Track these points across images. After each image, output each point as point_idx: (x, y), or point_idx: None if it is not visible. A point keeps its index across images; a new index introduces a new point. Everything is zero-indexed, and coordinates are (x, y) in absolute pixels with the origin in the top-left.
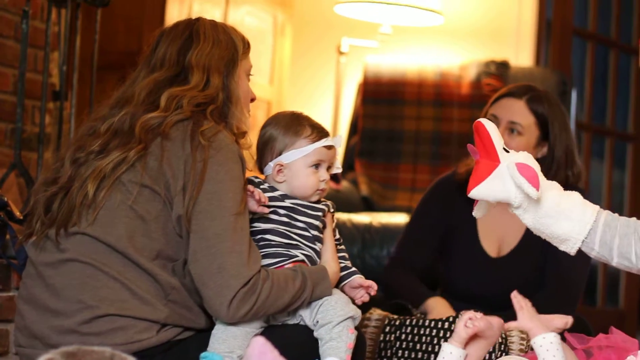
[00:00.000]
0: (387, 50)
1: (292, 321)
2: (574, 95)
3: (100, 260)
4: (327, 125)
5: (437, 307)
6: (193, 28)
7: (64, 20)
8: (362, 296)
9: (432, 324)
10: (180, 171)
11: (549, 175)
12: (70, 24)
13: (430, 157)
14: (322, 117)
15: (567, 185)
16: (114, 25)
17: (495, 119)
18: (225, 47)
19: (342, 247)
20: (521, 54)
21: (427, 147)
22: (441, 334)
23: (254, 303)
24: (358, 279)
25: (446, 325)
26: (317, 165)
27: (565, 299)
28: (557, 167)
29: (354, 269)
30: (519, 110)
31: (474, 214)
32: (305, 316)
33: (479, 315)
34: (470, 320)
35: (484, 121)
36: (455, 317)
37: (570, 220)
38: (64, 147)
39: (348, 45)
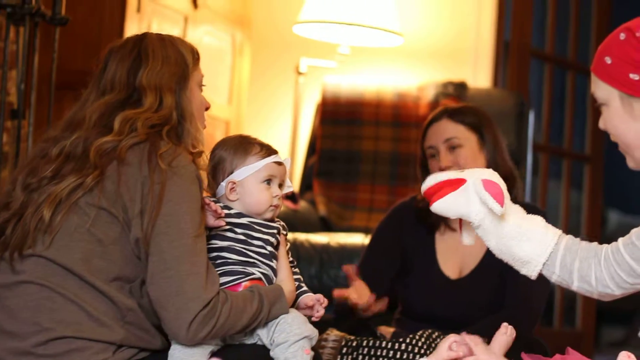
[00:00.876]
0: (345, 71)
1: (250, 341)
2: (531, 116)
3: (57, 282)
4: (285, 145)
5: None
6: (141, 46)
7: (22, 39)
8: (318, 311)
9: (390, 345)
10: (138, 194)
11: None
12: (28, 43)
13: (388, 178)
14: (280, 136)
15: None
16: (73, 44)
17: (433, 149)
18: (174, 63)
19: (297, 269)
20: (479, 75)
21: (385, 168)
22: (398, 355)
23: (213, 326)
24: (306, 297)
25: (403, 346)
26: (269, 181)
27: (524, 320)
28: (496, 168)
29: (305, 288)
30: (447, 127)
31: (463, 240)
32: (263, 335)
33: (467, 338)
34: (456, 344)
35: (424, 185)
36: (412, 338)
37: (531, 242)
38: (18, 168)
39: (306, 65)
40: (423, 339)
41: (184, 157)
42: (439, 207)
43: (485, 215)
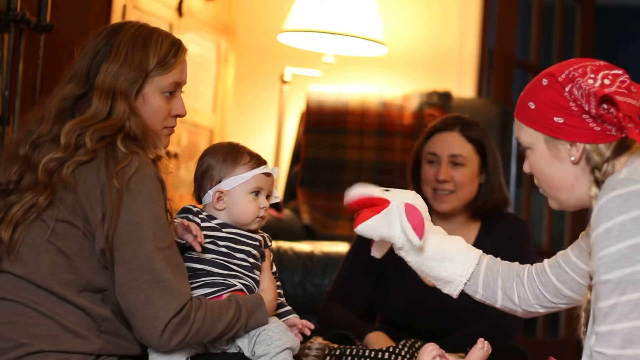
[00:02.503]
0: (330, 80)
1: (232, 350)
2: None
3: (28, 297)
4: (269, 154)
5: (378, 340)
6: (113, 38)
7: (7, 45)
8: (296, 335)
9: (373, 354)
10: (98, 201)
11: (486, 202)
12: (13, 49)
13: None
14: (264, 145)
15: (498, 210)
16: (58, 51)
17: (435, 156)
18: (134, 66)
19: (278, 282)
20: (463, 85)
21: (369, 177)
22: None
23: (186, 333)
24: (293, 318)
25: (386, 355)
26: (257, 192)
27: (506, 329)
28: (492, 192)
29: (289, 308)
30: (455, 142)
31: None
32: (244, 346)
33: (447, 355)
34: (440, 358)
35: (351, 193)
36: (395, 347)
37: (452, 262)
38: None
39: (291, 74)
40: (406, 349)
41: (142, 159)
42: (362, 229)
43: (407, 240)
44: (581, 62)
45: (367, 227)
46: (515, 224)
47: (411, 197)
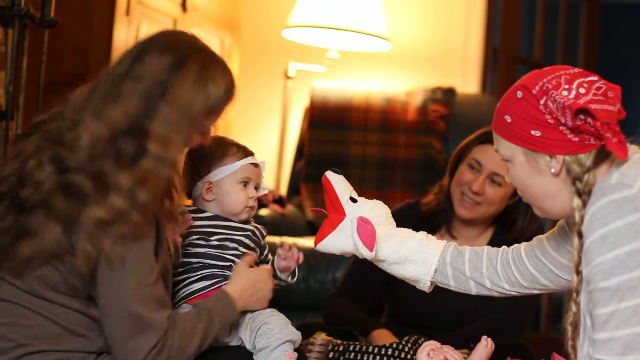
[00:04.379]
0: (334, 76)
1: (234, 342)
2: None
3: (28, 300)
4: (273, 149)
5: (382, 338)
6: (176, 71)
7: (11, 41)
8: (296, 257)
9: (376, 350)
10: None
11: (525, 220)
12: (17, 44)
13: (375, 182)
14: (268, 140)
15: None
16: (62, 46)
17: (478, 164)
18: (189, 112)
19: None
20: (467, 81)
21: (373, 172)
22: None
23: (166, 357)
24: (276, 258)
25: (390, 351)
26: (245, 183)
27: (512, 327)
28: (524, 217)
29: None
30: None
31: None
32: (245, 340)
33: (444, 347)
34: (434, 352)
35: (329, 175)
36: (398, 343)
37: (413, 263)
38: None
39: (295, 69)
40: (409, 345)
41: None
42: (322, 247)
43: (361, 253)
44: (555, 71)
45: (325, 245)
46: (528, 226)
47: (368, 208)
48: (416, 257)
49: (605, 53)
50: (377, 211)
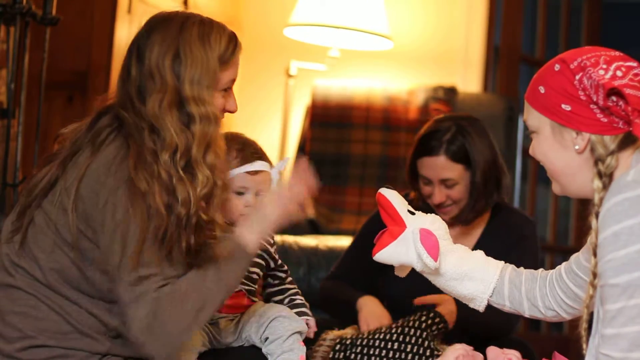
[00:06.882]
0: (335, 74)
1: (237, 344)
2: (520, 121)
3: (43, 293)
4: (274, 148)
5: (368, 304)
6: (179, 46)
7: (13, 38)
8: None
9: (382, 344)
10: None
11: (470, 203)
12: (19, 42)
13: (377, 181)
14: (270, 139)
15: (492, 206)
16: (63, 44)
17: (427, 180)
18: (206, 73)
19: (302, 299)
20: (469, 80)
21: (374, 171)
22: (390, 355)
23: (161, 324)
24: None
25: (395, 345)
26: (241, 192)
27: (505, 318)
28: (478, 193)
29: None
30: (443, 167)
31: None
32: (252, 333)
33: (475, 355)
34: (464, 358)
35: (384, 191)
36: (403, 327)
37: (473, 281)
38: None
39: (297, 68)
40: (414, 328)
41: None
42: (381, 257)
43: (424, 264)
44: (596, 50)
45: (385, 255)
46: (522, 224)
47: (429, 221)
48: (476, 275)
49: None
50: (437, 224)
